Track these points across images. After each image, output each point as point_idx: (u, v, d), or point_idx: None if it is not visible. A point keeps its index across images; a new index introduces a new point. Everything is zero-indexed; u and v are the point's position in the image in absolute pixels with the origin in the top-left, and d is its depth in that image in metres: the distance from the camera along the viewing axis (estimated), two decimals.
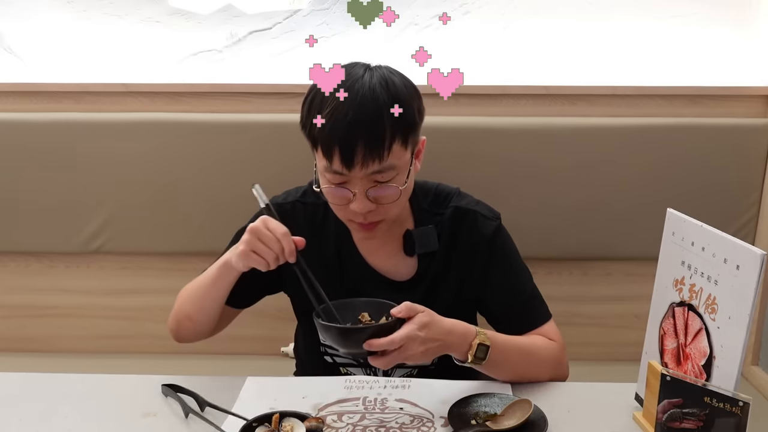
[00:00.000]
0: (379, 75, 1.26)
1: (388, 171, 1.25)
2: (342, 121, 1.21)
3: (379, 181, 1.26)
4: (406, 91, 1.28)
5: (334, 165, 1.24)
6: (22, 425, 1.16)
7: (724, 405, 0.98)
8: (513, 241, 1.42)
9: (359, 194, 1.25)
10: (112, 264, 2.03)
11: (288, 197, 1.44)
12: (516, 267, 1.40)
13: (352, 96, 1.22)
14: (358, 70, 1.27)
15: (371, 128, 1.22)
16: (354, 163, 1.22)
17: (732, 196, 1.95)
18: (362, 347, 1.12)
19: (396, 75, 1.29)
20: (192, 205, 1.95)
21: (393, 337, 1.12)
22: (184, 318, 1.39)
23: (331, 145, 1.23)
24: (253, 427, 1.09)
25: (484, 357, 1.21)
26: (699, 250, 1.07)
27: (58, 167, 1.94)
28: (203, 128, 1.92)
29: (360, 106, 1.22)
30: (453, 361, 1.25)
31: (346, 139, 1.22)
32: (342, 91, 1.18)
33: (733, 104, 1.95)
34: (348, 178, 1.25)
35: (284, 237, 1.21)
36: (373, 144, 1.22)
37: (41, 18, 1.97)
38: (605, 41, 1.96)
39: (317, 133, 1.24)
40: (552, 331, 1.37)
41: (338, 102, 1.21)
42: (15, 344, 2.06)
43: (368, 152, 1.22)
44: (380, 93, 1.23)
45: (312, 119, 1.23)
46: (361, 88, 1.23)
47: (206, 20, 1.97)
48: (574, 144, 1.91)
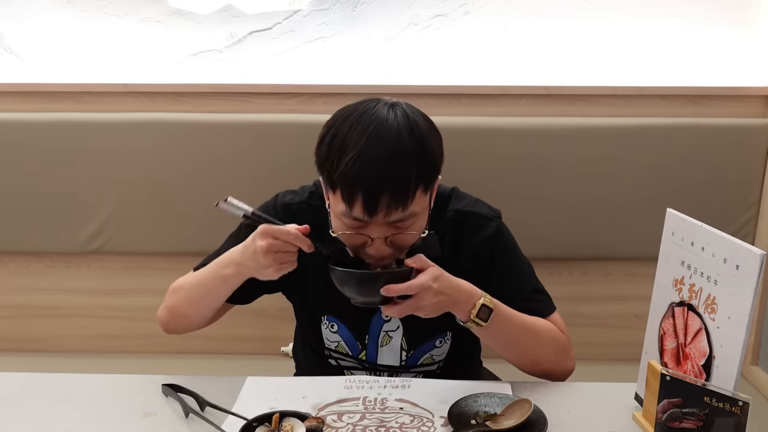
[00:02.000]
0: (403, 116, 1.19)
1: (410, 218, 1.20)
2: (368, 167, 1.14)
3: (399, 227, 1.20)
4: (430, 134, 1.22)
5: (354, 212, 1.18)
6: (22, 425, 1.15)
7: (723, 405, 0.98)
8: (514, 238, 1.41)
9: (378, 240, 1.20)
10: (112, 264, 2.03)
11: (295, 197, 1.40)
12: (519, 264, 1.40)
13: (378, 140, 1.15)
14: (382, 110, 1.19)
15: (398, 176, 1.16)
16: (377, 212, 1.16)
17: (732, 195, 1.95)
18: (378, 294, 1.14)
19: (418, 115, 1.23)
20: (192, 205, 1.95)
21: (410, 283, 1.15)
22: (179, 314, 1.37)
23: (354, 193, 1.16)
24: (253, 427, 1.09)
25: (486, 319, 1.21)
26: (699, 250, 1.07)
27: (58, 167, 1.94)
28: (203, 128, 1.92)
29: (386, 152, 1.15)
30: (455, 363, 1.25)
31: (371, 187, 1.15)
32: (366, 135, 1.14)
33: (733, 104, 1.95)
34: (367, 225, 1.19)
35: (297, 239, 1.18)
36: (398, 193, 1.16)
37: (41, 18, 1.97)
38: (605, 41, 1.97)
39: (338, 178, 1.17)
40: (557, 322, 1.36)
41: (363, 146, 1.15)
42: (15, 344, 2.06)
43: (393, 201, 1.16)
44: (407, 138, 1.17)
45: (333, 161, 1.17)
46: (388, 132, 1.16)
47: (206, 20, 1.97)
48: (574, 144, 1.91)
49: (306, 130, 1.88)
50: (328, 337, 1.39)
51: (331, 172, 1.19)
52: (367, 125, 1.16)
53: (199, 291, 1.34)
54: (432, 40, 1.97)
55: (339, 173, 1.16)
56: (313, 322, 1.40)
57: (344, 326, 1.37)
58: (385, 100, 1.23)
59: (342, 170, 1.16)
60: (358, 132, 1.16)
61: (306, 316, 1.44)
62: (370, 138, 1.15)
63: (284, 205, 1.38)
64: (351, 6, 1.96)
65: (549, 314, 1.36)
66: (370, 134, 1.15)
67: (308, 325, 1.43)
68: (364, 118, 1.18)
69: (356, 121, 1.18)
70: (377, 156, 1.15)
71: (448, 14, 1.96)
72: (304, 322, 1.47)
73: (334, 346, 1.39)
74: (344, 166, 1.15)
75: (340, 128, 1.19)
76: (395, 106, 1.21)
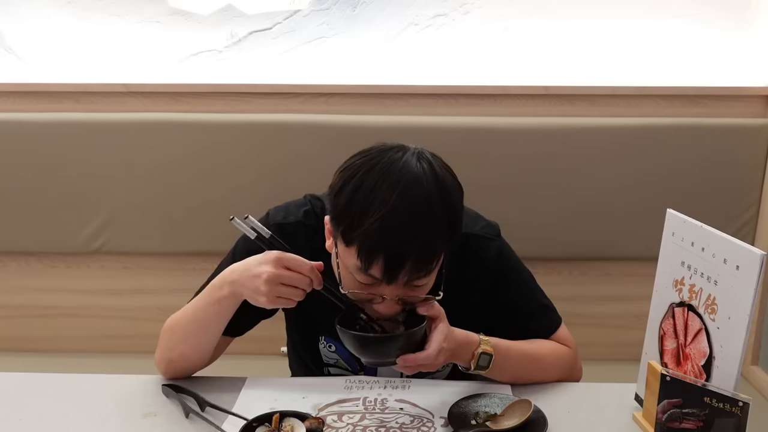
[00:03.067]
0: (431, 173, 1.09)
1: (428, 277, 1.13)
2: (394, 232, 1.05)
3: (414, 286, 1.13)
4: (456, 193, 1.13)
5: (371, 271, 1.09)
6: (22, 425, 1.15)
7: (723, 405, 0.98)
8: (515, 254, 1.37)
9: (390, 300, 1.13)
10: (112, 264, 2.04)
11: (288, 216, 1.30)
12: (523, 282, 1.36)
13: (405, 203, 1.05)
14: (410, 163, 1.08)
15: (424, 245, 1.08)
16: (398, 279, 1.09)
17: (732, 196, 1.95)
18: (392, 355, 1.09)
19: (445, 170, 1.13)
20: (192, 205, 1.96)
21: (429, 352, 1.09)
22: (178, 357, 1.26)
23: (375, 256, 1.07)
24: (253, 427, 1.09)
25: (487, 366, 1.20)
26: (699, 250, 1.07)
27: (58, 167, 1.94)
28: (203, 128, 1.92)
29: (415, 218, 1.06)
30: (455, 366, 1.24)
31: (395, 253, 1.07)
32: (395, 194, 1.05)
33: (733, 104, 1.95)
34: (381, 284, 1.11)
35: (312, 272, 1.10)
36: (423, 260, 1.09)
37: (41, 18, 1.97)
38: (605, 41, 1.97)
39: (357, 237, 1.07)
40: (563, 337, 1.35)
41: (391, 207, 1.05)
42: (15, 344, 2.06)
43: (416, 267, 1.08)
44: (437, 203, 1.08)
45: (353, 218, 1.07)
46: (414, 195, 1.06)
47: (206, 20, 1.97)
48: (574, 144, 1.91)
49: (306, 130, 1.90)
50: (326, 355, 1.37)
51: (350, 228, 1.08)
52: (394, 184, 1.06)
53: (195, 325, 1.24)
54: (432, 40, 1.97)
55: (360, 233, 1.06)
56: (310, 340, 1.37)
57: (343, 347, 1.27)
58: (410, 148, 1.12)
59: (364, 230, 1.06)
60: (384, 191, 1.06)
61: (302, 334, 1.40)
62: (397, 200, 1.05)
63: (277, 225, 1.27)
64: (351, 6, 1.96)
65: (554, 330, 1.34)
66: (398, 196, 1.05)
67: (304, 343, 1.39)
68: (390, 174, 1.07)
69: (381, 176, 1.07)
70: (405, 221, 1.06)
71: (448, 14, 1.96)
72: (298, 339, 1.42)
73: (333, 362, 1.37)
74: (367, 226, 1.05)
75: (363, 181, 1.07)
76: (422, 158, 1.11)
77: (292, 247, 1.17)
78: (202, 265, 1.76)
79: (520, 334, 1.32)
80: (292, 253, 1.13)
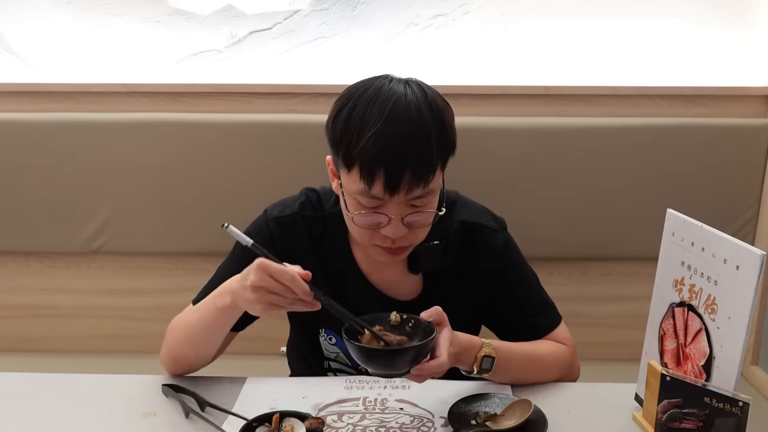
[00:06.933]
0: (420, 92, 1.16)
1: (428, 195, 1.17)
2: (390, 144, 1.10)
3: (416, 205, 1.17)
4: (446, 110, 1.20)
5: (374, 190, 1.13)
6: (22, 425, 1.16)
7: (723, 405, 0.98)
8: (519, 249, 1.38)
9: (395, 220, 1.16)
10: (112, 264, 2.03)
11: (285, 209, 1.32)
12: (526, 277, 1.37)
13: (399, 116, 1.12)
14: (398, 87, 1.16)
15: (420, 153, 1.12)
16: (399, 190, 1.12)
17: (732, 196, 1.95)
18: (403, 366, 1.07)
19: (434, 92, 1.20)
20: (192, 205, 1.95)
21: (442, 360, 1.08)
22: (181, 358, 1.28)
23: (376, 170, 1.11)
24: (254, 427, 1.09)
25: (490, 368, 1.21)
26: (699, 250, 1.07)
27: (58, 167, 1.94)
28: (203, 128, 1.92)
29: (408, 128, 1.12)
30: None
31: (394, 164, 1.11)
32: (386, 111, 1.10)
33: (733, 104, 1.95)
34: (385, 203, 1.15)
35: (292, 282, 1.07)
36: (421, 170, 1.13)
37: (41, 18, 1.97)
38: (605, 41, 1.97)
39: (357, 154, 1.12)
40: (562, 335, 1.35)
41: (384, 122, 1.11)
42: (15, 344, 2.06)
43: (415, 178, 1.12)
44: (427, 115, 1.14)
45: (351, 138, 1.12)
46: (407, 108, 1.13)
47: (206, 20, 1.97)
48: (574, 144, 1.91)
49: (306, 130, 1.90)
50: (327, 348, 1.37)
51: (349, 148, 1.13)
52: (386, 101, 1.12)
53: (201, 328, 1.24)
54: (432, 40, 1.97)
55: (359, 150, 1.11)
56: (310, 332, 1.37)
57: (343, 340, 1.32)
58: (397, 77, 1.20)
59: (363, 147, 1.11)
60: (377, 108, 1.12)
61: (302, 326, 1.41)
62: (391, 114, 1.11)
63: (275, 219, 1.30)
64: (351, 6, 1.96)
65: (555, 327, 1.35)
66: (390, 110, 1.11)
67: (305, 335, 1.40)
68: (381, 94, 1.14)
69: (373, 97, 1.14)
70: (399, 133, 1.11)
71: (448, 14, 1.96)
72: (299, 330, 1.44)
73: (334, 356, 1.37)
74: (365, 142, 1.11)
75: (356, 104, 1.14)
76: (410, 82, 1.18)
77: (292, 241, 1.19)
78: (202, 265, 1.76)
79: (520, 329, 1.33)
80: (274, 260, 1.09)
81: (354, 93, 1.17)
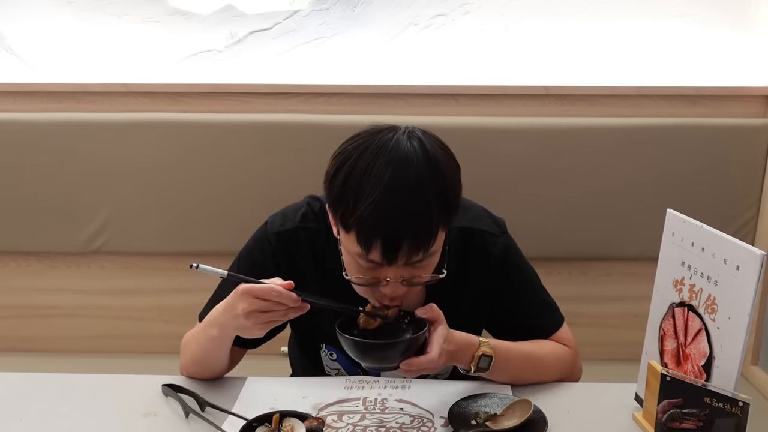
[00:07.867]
0: (422, 149, 1.10)
1: (429, 258, 1.14)
2: (388, 214, 1.07)
3: (417, 267, 1.14)
4: (450, 168, 1.14)
5: (371, 256, 1.10)
6: (22, 425, 1.15)
7: (723, 405, 0.98)
8: (520, 251, 1.37)
9: (393, 282, 1.13)
10: (112, 264, 2.03)
11: (286, 222, 1.29)
12: (528, 279, 1.36)
13: (396, 186, 1.07)
14: (398, 147, 1.10)
15: (419, 222, 1.09)
16: (397, 259, 1.10)
17: (732, 196, 1.95)
18: (395, 360, 1.09)
19: (437, 146, 1.14)
20: (192, 205, 1.96)
21: (432, 356, 1.09)
22: (196, 374, 1.29)
23: (373, 239, 1.08)
24: (254, 427, 1.09)
25: (487, 368, 1.20)
26: (699, 250, 1.07)
27: (58, 167, 1.94)
28: (203, 128, 1.92)
29: (408, 196, 1.07)
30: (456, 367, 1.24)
31: (391, 234, 1.08)
32: (385, 177, 1.06)
33: (733, 104, 1.95)
34: (384, 267, 1.12)
35: (279, 296, 1.08)
36: (420, 238, 1.09)
37: (41, 18, 1.97)
38: (605, 41, 1.97)
39: (353, 223, 1.08)
40: (564, 336, 1.35)
41: (383, 190, 1.06)
42: (15, 344, 2.06)
43: (414, 247, 1.09)
44: (428, 179, 1.09)
45: (348, 204, 1.08)
46: (406, 173, 1.08)
47: (206, 20, 1.97)
48: (574, 144, 1.91)
49: (306, 130, 1.90)
50: (328, 365, 1.37)
51: (345, 215, 1.10)
52: (385, 166, 1.07)
53: (201, 356, 1.27)
54: (432, 40, 1.97)
55: (355, 219, 1.08)
56: (311, 347, 1.37)
57: (344, 356, 1.29)
58: (401, 128, 1.14)
59: (359, 216, 1.07)
60: (375, 175, 1.07)
61: (304, 341, 1.40)
62: (388, 185, 1.06)
63: (277, 234, 1.28)
64: (351, 6, 1.96)
65: (557, 329, 1.35)
66: (389, 179, 1.06)
67: (306, 350, 1.39)
68: (381, 156, 1.08)
69: (372, 160, 1.08)
70: (396, 204, 1.07)
71: (448, 14, 1.96)
72: (301, 346, 1.43)
73: (335, 373, 1.37)
74: (362, 211, 1.07)
75: (355, 165, 1.09)
76: (412, 136, 1.12)
77: (294, 255, 1.20)
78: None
79: (522, 331, 1.32)
80: (253, 281, 1.11)
81: (353, 152, 1.11)
